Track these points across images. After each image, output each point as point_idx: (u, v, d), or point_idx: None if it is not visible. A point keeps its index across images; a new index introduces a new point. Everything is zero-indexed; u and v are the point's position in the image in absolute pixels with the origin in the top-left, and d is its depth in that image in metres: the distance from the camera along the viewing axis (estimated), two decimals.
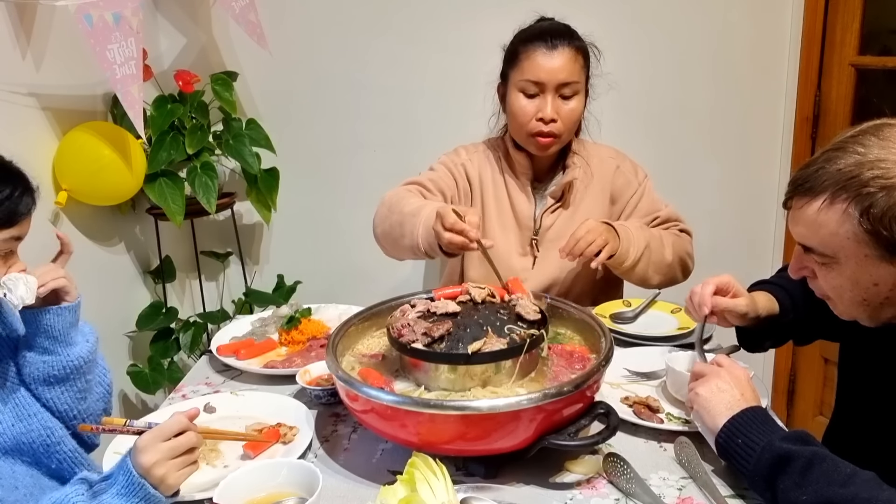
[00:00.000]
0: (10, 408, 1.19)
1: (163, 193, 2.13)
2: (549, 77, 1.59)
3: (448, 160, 1.77)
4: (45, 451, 1.21)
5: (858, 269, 0.99)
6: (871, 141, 0.96)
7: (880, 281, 0.99)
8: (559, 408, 1.04)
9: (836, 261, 1.01)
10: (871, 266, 0.98)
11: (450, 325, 1.15)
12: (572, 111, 1.63)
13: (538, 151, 1.68)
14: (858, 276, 1.00)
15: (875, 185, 0.93)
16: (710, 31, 2.29)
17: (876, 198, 0.93)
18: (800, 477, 0.93)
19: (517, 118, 1.64)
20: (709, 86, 2.34)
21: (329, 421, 1.26)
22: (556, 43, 1.60)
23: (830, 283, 1.04)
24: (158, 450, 0.97)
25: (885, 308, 1.03)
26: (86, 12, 1.73)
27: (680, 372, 1.23)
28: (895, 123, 0.98)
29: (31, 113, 1.89)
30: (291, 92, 2.43)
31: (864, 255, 0.97)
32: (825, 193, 0.97)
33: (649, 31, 2.29)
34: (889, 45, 2.27)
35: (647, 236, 1.61)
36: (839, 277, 1.02)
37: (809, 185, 0.99)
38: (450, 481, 0.93)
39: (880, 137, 0.96)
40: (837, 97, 2.23)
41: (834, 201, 0.96)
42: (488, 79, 1.75)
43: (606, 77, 1.71)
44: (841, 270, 1.01)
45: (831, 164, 0.97)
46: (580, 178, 1.73)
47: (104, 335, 1.42)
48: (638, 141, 2.03)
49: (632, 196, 1.75)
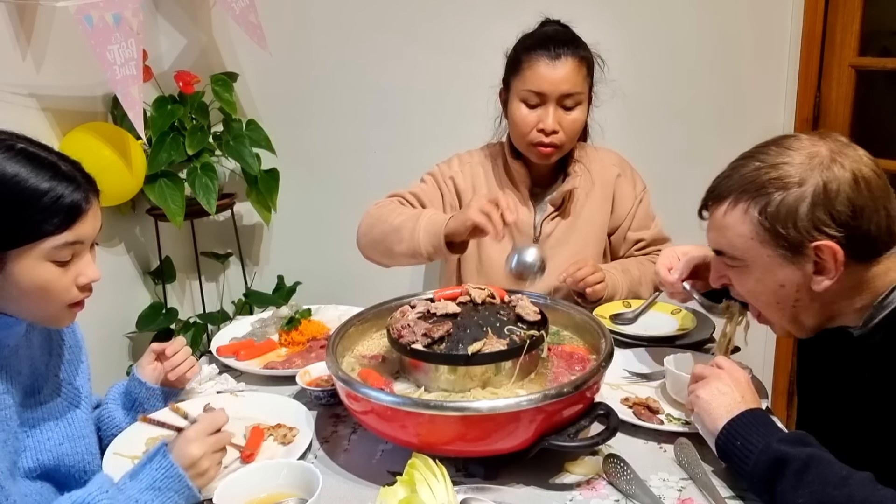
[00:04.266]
0: (63, 425, 1.12)
1: (163, 194, 2.13)
2: (552, 88, 1.57)
3: (438, 171, 1.76)
4: (79, 477, 1.13)
5: (764, 271, 1.05)
6: (771, 150, 1.04)
7: (786, 282, 1.04)
8: (559, 409, 1.04)
9: (744, 263, 1.07)
10: (775, 267, 1.04)
11: (450, 326, 1.16)
12: (574, 122, 1.62)
13: (539, 160, 1.66)
14: (765, 278, 1.06)
15: (772, 186, 1.00)
16: (709, 32, 2.29)
17: (773, 198, 1.00)
18: (796, 479, 0.93)
19: (518, 127, 1.63)
20: (708, 87, 2.34)
21: (329, 422, 1.26)
22: (559, 52, 1.57)
23: (744, 287, 1.10)
24: (207, 442, 0.99)
25: (801, 313, 1.07)
26: (86, 13, 1.73)
27: (679, 374, 1.23)
28: (796, 136, 1.06)
29: (31, 114, 1.89)
30: (291, 93, 2.43)
31: (768, 255, 1.03)
32: (729, 197, 1.05)
33: (648, 32, 2.29)
34: (889, 46, 2.27)
35: (628, 281, 1.69)
36: (750, 280, 1.08)
37: (717, 192, 1.08)
38: (449, 482, 0.93)
39: (780, 146, 1.04)
40: (837, 98, 2.23)
41: (737, 204, 1.04)
42: (489, 81, 1.75)
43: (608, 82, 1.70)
44: (750, 273, 1.07)
45: (736, 171, 1.06)
46: (581, 185, 1.72)
47: (104, 336, 1.42)
48: (634, 142, 2.03)
49: (629, 209, 1.77)
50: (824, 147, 1.01)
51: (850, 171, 0.99)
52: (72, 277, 1.00)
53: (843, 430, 1.09)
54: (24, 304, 0.99)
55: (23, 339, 1.07)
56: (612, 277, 1.66)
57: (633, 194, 1.77)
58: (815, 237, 0.99)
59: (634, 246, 1.80)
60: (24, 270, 0.96)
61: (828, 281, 1.01)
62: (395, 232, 1.53)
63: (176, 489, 0.97)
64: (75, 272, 1.01)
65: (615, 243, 1.81)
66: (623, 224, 1.78)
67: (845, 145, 1.03)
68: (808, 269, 1.02)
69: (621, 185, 1.76)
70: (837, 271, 1.00)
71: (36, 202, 0.94)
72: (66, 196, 0.96)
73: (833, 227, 0.98)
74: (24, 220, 0.94)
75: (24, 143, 0.99)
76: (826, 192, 0.98)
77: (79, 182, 0.99)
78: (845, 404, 1.11)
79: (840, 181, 0.98)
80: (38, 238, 0.95)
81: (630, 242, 1.80)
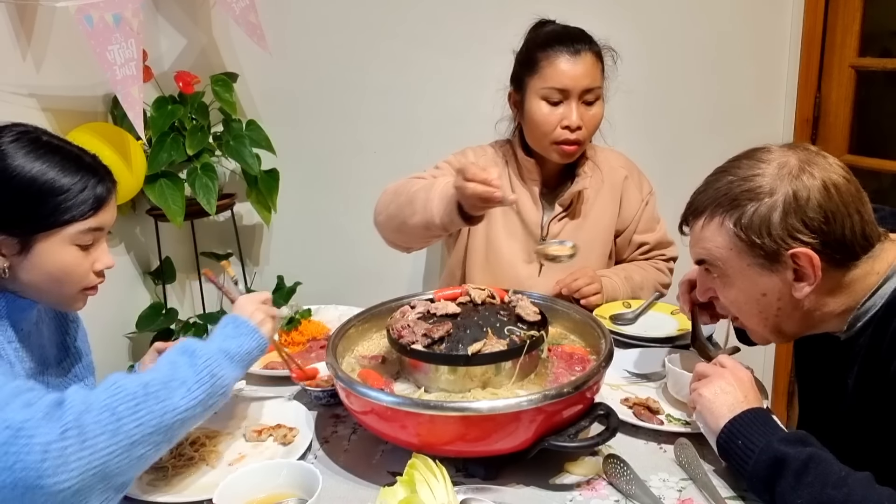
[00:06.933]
0: None
1: (163, 194, 2.13)
2: (574, 84, 1.56)
3: (454, 160, 1.72)
4: None
5: (745, 281, 1.07)
6: (743, 163, 1.07)
7: (767, 290, 1.06)
8: (559, 409, 1.04)
9: (726, 274, 1.09)
10: (755, 276, 1.06)
11: (450, 326, 1.16)
12: (594, 117, 1.61)
13: (562, 159, 1.65)
14: (747, 287, 1.07)
15: (744, 198, 1.03)
16: (709, 32, 2.29)
17: (746, 209, 1.03)
18: (795, 479, 0.94)
19: (540, 127, 1.60)
20: (708, 87, 2.34)
21: (329, 422, 1.26)
22: (578, 48, 1.57)
23: (728, 298, 1.12)
24: (256, 304, 1.13)
25: (784, 321, 1.09)
26: (86, 13, 1.73)
27: (681, 373, 1.23)
28: (767, 147, 1.08)
29: (32, 114, 1.88)
30: (292, 93, 2.43)
31: (747, 264, 1.05)
32: (706, 211, 1.08)
33: (648, 32, 2.29)
34: (889, 46, 2.27)
35: (629, 288, 1.70)
36: (732, 290, 1.10)
37: (694, 206, 1.11)
38: (449, 482, 0.93)
39: (752, 159, 1.06)
40: (837, 99, 2.23)
41: (713, 217, 1.07)
42: (489, 81, 1.75)
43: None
44: (732, 283, 1.09)
45: (711, 186, 1.09)
46: (591, 185, 1.71)
47: (104, 336, 1.43)
48: (634, 142, 2.02)
49: (636, 212, 1.77)
50: (794, 157, 1.04)
51: (819, 178, 1.01)
52: (90, 262, 1.09)
53: (840, 430, 1.10)
54: (45, 284, 1.06)
55: (34, 326, 1.13)
56: (612, 284, 1.67)
57: (639, 197, 1.77)
58: (790, 245, 1.01)
59: (638, 249, 1.80)
60: (48, 252, 1.04)
61: (808, 287, 1.03)
62: (409, 204, 1.44)
63: (246, 332, 1.08)
64: (94, 258, 1.10)
65: (620, 245, 1.81)
66: (629, 227, 1.78)
67: (815, 154, 1.05)
68: (787, 276, 1.03)
69: (629, 187, 1.77)
70: (816, 277, 1.01)
71: (66, 190, 1.03)
72: (92, 185, 1.06)
73: (807, 234, 1.00)
74: (55, 207, 1.03)
75: (49, 136, 1.07)
76: (797, 199, 1.00)
77: (102, 172, 1.09)
78: (840, 405, 1.11)
79: (810, 189, 1.00)
80: (67, 223, 1.04)
81: (634, 246, 1.80)
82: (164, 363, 1.00)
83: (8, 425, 0.83)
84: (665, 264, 1.82)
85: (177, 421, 0.95)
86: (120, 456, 0.88)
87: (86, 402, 0.89)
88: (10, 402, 0.86)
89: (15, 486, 0.82)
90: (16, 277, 1.05)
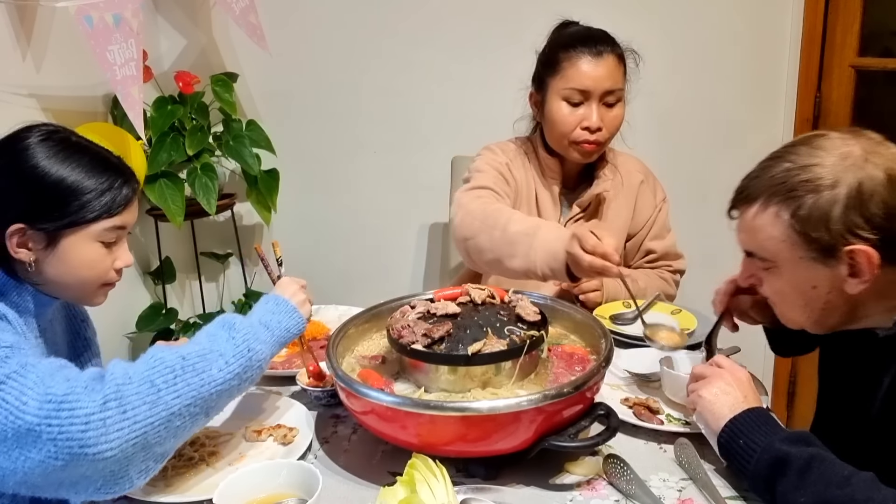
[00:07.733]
0: None
1: (163, 194, 2.13)
2: (595, 85, 1.57)
3: (494, 162, 1.68)
4: None
5: (796, 272, 1.03)
6: (801, 150, 1.01)
7: (818, 283, 1.02)
8: (559, 409, 1.04)
9: (775, 265, 1.05)
10: (807, 268, 1.01)
11: (450, 326, 1.15)
12: (615, 118, 1.61)
13: (581, 158, 1.65)
14: (797, 279, 1.03)
15: (803, 189, 0.98)
16: (708, 32, 2.29)
17: (803, 200, 0.97)
18: (798, 479, 0.93)
19: (560, 127, 1.61)
20: (708, 87, 2.34)
21: (329, 422, 1.26)
22: (600, 49, 1.57)
23: (774, 288, 1.08)
24: (296, 286, 1.19)
25: (829, 313, 1.05)
26: (86, 13, 1.73)
27: (677, 374, 1.23)
28: (826, 134, 1.02)
29: (32, 114, 1.89)
30: (292, 93, 2.43)
31: (799, 257, 1.01)
32: (759, 199, 1.03)
33: (647, 32, 2.27)
34: (889, 46, 2.27)
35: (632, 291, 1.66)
36: (780, 281, 1.06)
37: (746, 193, 1.06)
38: (450, 482, 0.93)
39: (811, 146, 1.01)
40: (838, 99, 2.23)
41: (767, 206, 1.02)
42: (490, 82, 1.75)
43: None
44: (781, 274, 1.05)
45: (766, 172, 1.03)
46: (610, 188, 1.71)
47: (104, 336, 1.43)
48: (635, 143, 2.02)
49: (649, 217, 1.77)
50: (857, 146, 0.98)
51: (883, 170, 0.95)
52: (112, 259, 1.12)
53: (866, 430, 1.08)
54: (68, 279, 1.09)
55: (49, 323, 1.16)
56: (613, 284, 1.65)
57: (653, 202, 1.77)
58: (848, 241, 0.96)
59: (646, 257, 1.80)
60: (74, 247, 1.07)
61: (862, 284, 0.98)
62: (509, 245, 1.42)
63: (287, 311, 1.13)
64: (115, 255, 1.13)
65: (629, 250, 1.81)
66: (640, 232, 1.78)
67: (878, 143, 0.99)
68: (841, 271, 0.99)
69: (644, 192, 1.77)
70: (872, 274, 0.97)
71: (93, 189, 1.07)
72: (118, 185, 1.10)
73: (867, 230, 0.95)
74: (82, 205, 1.06)
75: (77, 137, 1.11)
76: (860, 193, 0.94)
77: (127, 174, 1.13)
78: (869, 404, 1.08)
79: (874, 181, 0.95)
80: (93, 220, 1.07)
81: (642, 252, 1.80)
82: (203, 336, 1.04)
83: (50, 399, 0.87)
84: (671, 276, 1.80)
85: (214, 392, 0.98)
86: (159, 426, 0.92)
87: (126, 374, 0.93)
88: (53, 376, 0.91)
89: (59, 456, 0.86)
90: (41, 271, 1.07)
